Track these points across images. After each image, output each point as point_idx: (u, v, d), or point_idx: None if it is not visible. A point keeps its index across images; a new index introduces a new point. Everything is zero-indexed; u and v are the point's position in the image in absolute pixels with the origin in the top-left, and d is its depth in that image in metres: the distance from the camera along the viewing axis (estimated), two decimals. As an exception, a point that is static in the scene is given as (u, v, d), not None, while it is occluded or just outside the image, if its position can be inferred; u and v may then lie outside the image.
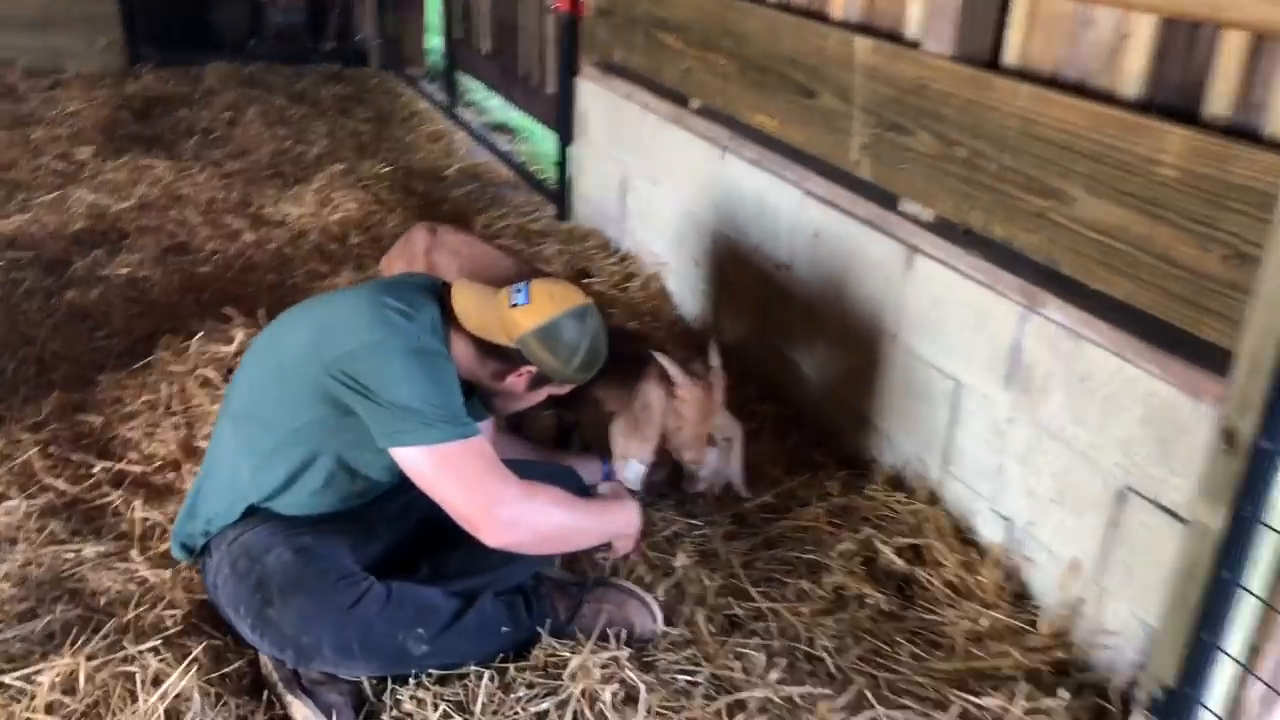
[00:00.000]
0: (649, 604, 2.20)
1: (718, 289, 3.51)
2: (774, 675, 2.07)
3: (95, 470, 2.63)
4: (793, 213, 3.04)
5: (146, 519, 2.46)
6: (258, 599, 1.91)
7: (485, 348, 2.08)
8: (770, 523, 2.60)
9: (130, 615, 2.15)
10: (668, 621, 2.22)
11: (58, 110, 5.68)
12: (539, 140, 5.91)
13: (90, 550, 2.33)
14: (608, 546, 2.27)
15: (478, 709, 1.92)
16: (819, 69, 2.84)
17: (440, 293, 2.13)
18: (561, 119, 4.61)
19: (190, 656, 1.98)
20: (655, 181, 3.86)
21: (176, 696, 1.91)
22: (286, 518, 2.06)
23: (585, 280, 3.94)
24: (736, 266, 3.38)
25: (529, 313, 2.06)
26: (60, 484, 2.57)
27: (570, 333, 2.07)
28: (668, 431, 2.34)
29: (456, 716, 1.91)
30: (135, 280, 3.78)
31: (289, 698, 1.92)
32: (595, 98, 4.32)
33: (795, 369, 3.11)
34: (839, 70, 2.76)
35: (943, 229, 2.53)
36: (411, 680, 1.98)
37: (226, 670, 2.02)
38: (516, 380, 2.12)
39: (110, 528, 2.44)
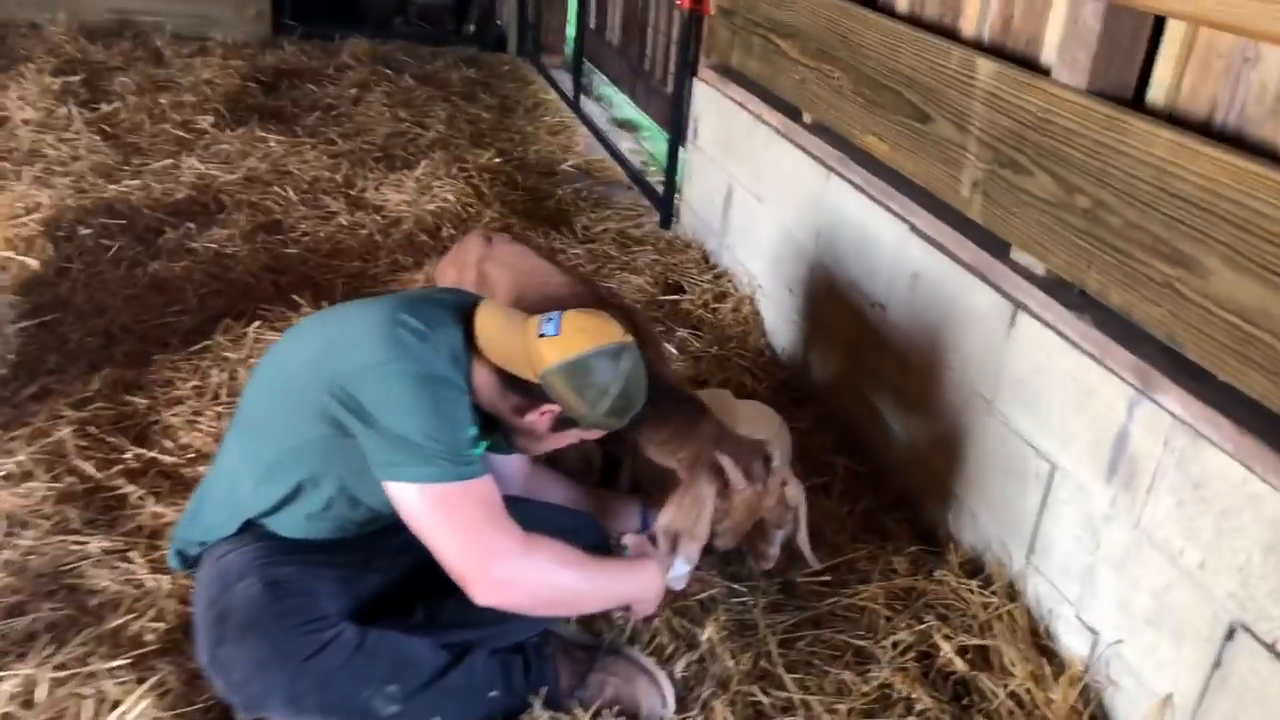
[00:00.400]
0: (660, 684, 1.96)
1: (810, 322, 3.22)
2: (789, 786, 1.80)
3: (127, 456, 2.55)
4: (894, 248, 2.74)
5: (163, 515, 2.35)
6: (215, 634, 1.74)
7: (507, 380, 1.88)
8: (822, 597, 2.32)
9: (116, 622, 2.03)
10: (681, 705, 1.97)
11: (192, 77, 5.75)
12: (660, 141, 5.69)
13: (96, 545, 2.23)
14: (626, 607, 2.04)
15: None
16: (936, 91, 2.53)
17: (470, 312, 1.93)
18: (674, 119, 4.38)
19: (149, 684, 1.84)
20: (759, 197, 3.59)
21: (131, 725, 1.78)
22: (281, 539, 1.90)
23: (675, 297, 3.70)
24: (831, 300, 3.08)
25: (556, 346, 1.84)
26: (88, 468, 2.48)
27: (601, 373, 1.84)
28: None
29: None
30: (221, 256, 3.73)
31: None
32: (709, 102, 4.07)
33: (879, 421, 2.81)
34: (958, 94, 2.44)
35: (1053, 287, 2.19)
36: (379, 741, 1.79)
37: (195, 702, 1.87)
38: (538, 419, 1.90)
39: (125, 520, 2.34)
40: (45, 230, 3.55)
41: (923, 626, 2.18)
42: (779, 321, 3.42)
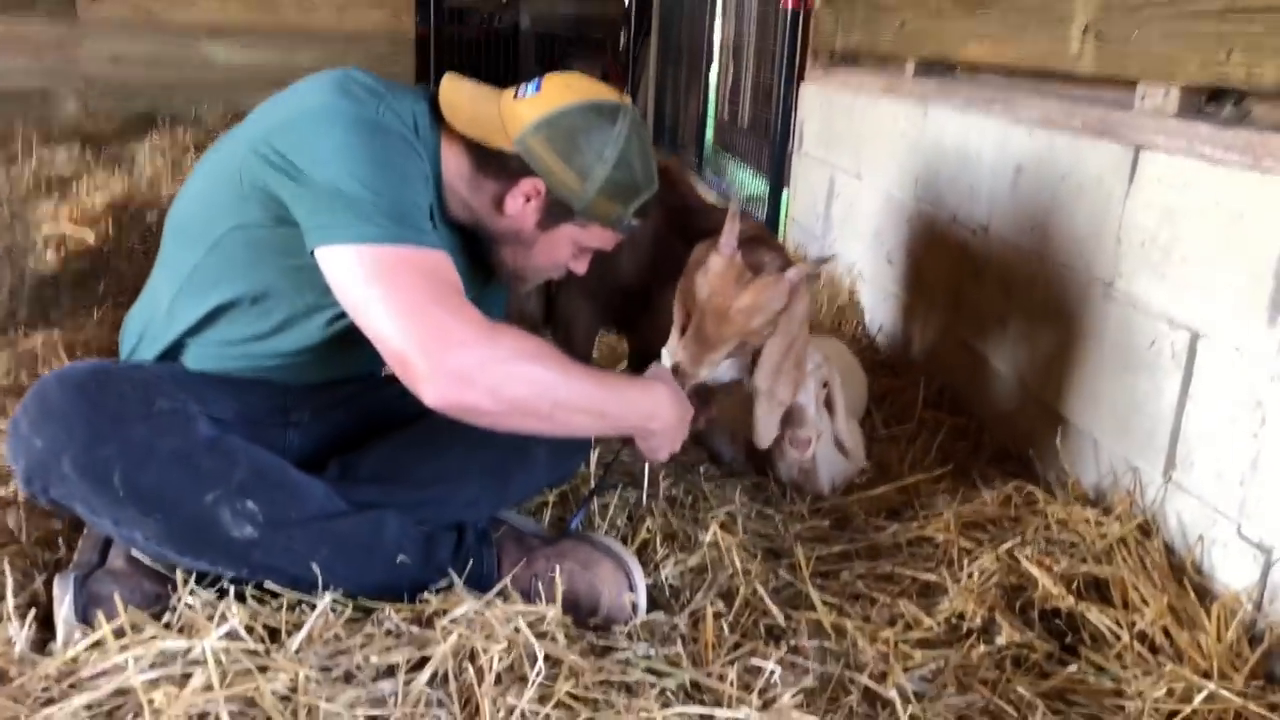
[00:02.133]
0: (629, 568, 1.45)
1: (909, 289, 2.72)
2: (787, 698, 1.24)
3: (101, 368, 2.28)
4: (995, 151, 2.25)
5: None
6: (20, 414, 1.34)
7: (480, 156, 1.49)
8: (881, 530, 1.76)
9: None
10: (659, 605, 1.46)
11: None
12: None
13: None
14: (625, 440, 1.55)
15: (289, 641, 1.25)
16: (1039, -51, 2.11)
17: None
18: (775, 163, 4.05)
19: None
20: (858, 175, 3.17)
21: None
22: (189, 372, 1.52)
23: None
24: (930, 250, 2.59)
25: (536, 103, 1.46)
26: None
27: (592, 132, 1.45)
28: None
29: (249, 639, 1.24)
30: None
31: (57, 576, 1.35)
32: (814, 100, 3.72)
33: (984, 368, 2.26)
34: (1062, -61, 2.01)
35: (1186, 111, 1.68)
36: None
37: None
38: (522, 210, 1.49)
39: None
40: (110, 210, 3.45)
41: (1010, 545, 1.59)
42: (878, 301, 2.93)
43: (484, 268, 1.62)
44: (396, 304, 1.29)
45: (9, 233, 2.61)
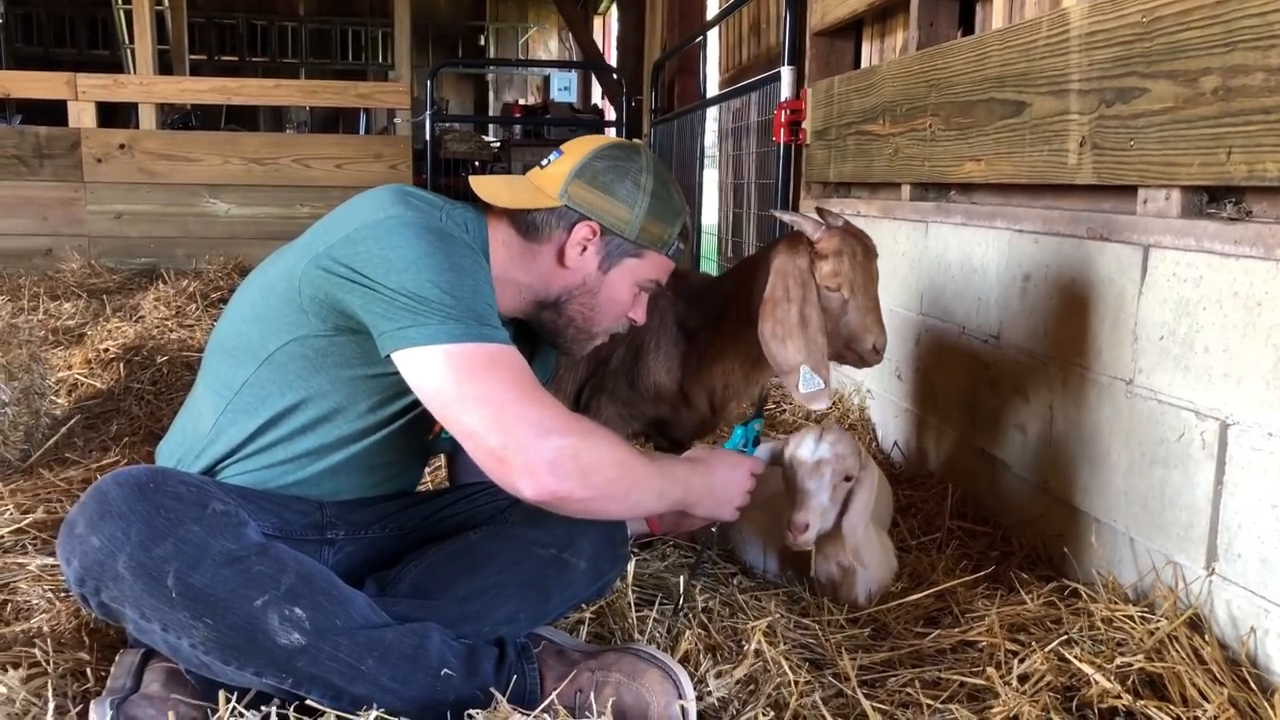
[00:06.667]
0: (676, 676, 1.42)
1: (921, 403, 2.74)
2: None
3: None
4: (1001, 263, 2.31)
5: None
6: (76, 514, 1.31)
7: (528, 224, 1.59)
8: (921, 636, 1.73)
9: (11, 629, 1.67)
10: (707, 718, 1.42)
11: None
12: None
13: (39, 563, 1.90)
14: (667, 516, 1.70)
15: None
16: (1028, 72, 2.21)
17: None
18: None
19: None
20: (861, 296, 3.23)
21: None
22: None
23: (766, 410, 3.28)
24: (941, 363, 2.63)
25: (564, 162, 1.60)
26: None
27: (623, 167, 1.58)
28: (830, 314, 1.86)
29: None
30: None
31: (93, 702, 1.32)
32: (811, 230, 3.82)
33: (1005, 475, 2.26)
34: (1052, 60, 2.11)
35: (1189, 210, 1.74)
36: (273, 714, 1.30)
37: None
38: (582, 255, 1.59)
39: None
40: (122, 355, 3.48)
41: (1057, 644, 1.56)
42: (889, 417, 2.95)
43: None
44: (485, 401, 1.34)
45: (27, 374, 2.62)
